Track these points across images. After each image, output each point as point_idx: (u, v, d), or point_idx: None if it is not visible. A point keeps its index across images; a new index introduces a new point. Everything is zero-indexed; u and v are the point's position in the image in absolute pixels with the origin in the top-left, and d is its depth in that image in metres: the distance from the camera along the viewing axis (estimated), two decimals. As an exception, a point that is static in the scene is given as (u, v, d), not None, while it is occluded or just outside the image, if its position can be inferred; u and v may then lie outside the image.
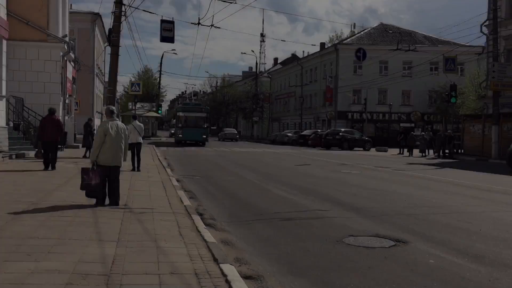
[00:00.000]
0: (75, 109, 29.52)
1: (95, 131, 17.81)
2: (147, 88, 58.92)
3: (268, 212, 8.63)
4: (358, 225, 7.44)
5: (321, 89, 52.76)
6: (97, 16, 39.60)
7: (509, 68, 25.97)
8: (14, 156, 16.20)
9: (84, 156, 17.68)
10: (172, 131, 56.21)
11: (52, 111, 13.80)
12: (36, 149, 16.46)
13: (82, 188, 7.92)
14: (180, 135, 35.95)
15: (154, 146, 28.86)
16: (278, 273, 5.04)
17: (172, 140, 44.29)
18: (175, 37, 22.63)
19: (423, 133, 33.24)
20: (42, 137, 13.64)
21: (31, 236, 5.69)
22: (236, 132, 55.08)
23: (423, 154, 30.05)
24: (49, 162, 13.35)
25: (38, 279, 4.17)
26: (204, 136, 35.43)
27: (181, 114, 37.49)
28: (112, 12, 19.07)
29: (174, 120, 42.10)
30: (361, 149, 35.80)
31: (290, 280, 4.82)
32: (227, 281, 4.37)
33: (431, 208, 9.20)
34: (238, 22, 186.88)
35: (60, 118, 22.51)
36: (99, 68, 44.36)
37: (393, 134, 43.44)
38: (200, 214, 7.95)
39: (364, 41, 49.27)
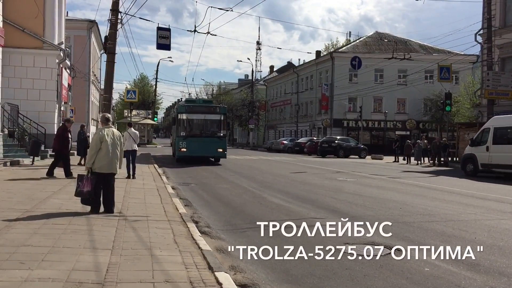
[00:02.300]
0: (71, 116, 29.48)
1: (89, 138, 17.77)
2: (143, 96, 58.91)
3: (263, 219, 8.59)
4: (353, 233, 7.41)
5: (317, 97, 52.91)
6: (93, 23, 39.69)
7: (503, 77, 26.10)
8: (8, 164, 16.12)
9: (79, 164, 17.56)
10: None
11: (64, 121, 14.09)
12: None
13: (76, 195, 7.91)
14: (184, 149, 23.14)
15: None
16: (273, 281, 5.03)
17: (169, 150, 34.65)
18: (171, 45, 22.73)
19: (418, 141, 33.34)
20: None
21: (25, 244, 5.65)
22: None
23: (418, 162, 30.12)
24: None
25: (31, 288, 4.14)
26: (221, 150, 23.56)
27: (184, 116, 24.06)
28: (108, 20, 19.13)
29: (174, 127, 27.14)
30: (357, 156, 35.84)
31: (285, 288, 4.80)
32: (222, 290, 4.35)
33: (426, 216, 9.20)
34: (234, 30, 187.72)
35: (58, 125, 22.45)
36: (94, 75, 44.36)
37: (388, 142, 43.61)
38: (195, 222, 7.93)
39: (360, 49, 49.54)
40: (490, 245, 6.80)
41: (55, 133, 14.14)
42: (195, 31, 24.48)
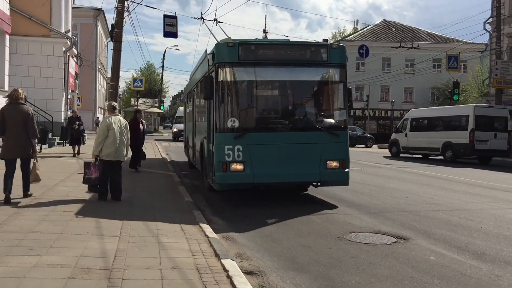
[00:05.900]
0: (78, 105, 29.59)
1: (81, 126, 17.46)
2: (150, 84, 58.82)
3: (269, 208, 8.63)
4: (359, 222, 7.45)
5: (324, 86, 52.60)
6: (100, 11, 39.67)
7: (512, 66, 25.88)
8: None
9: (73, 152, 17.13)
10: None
11: (135, 112, 13.83)
12: None
13: (84, 182, 7.98)
14: (239, 166, 8.12)
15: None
16: (279, 269, 5.06)
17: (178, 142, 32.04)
18: (178, 33, 22.60)
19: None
20: None
21: (33, 230, 5.71)
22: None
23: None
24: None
25: (40, 273, 4.20)
26: (335, 164, 8.52)
27: (233, 75, 8.38)
28: (115, 8, 19.02)
29: (190, 106, 14.32)
30: (363, 146, 35.75)
31: (291, 276, 4.83)
32: (229, 276, 4.38)
33: (433, 205, 9.20)
34: (241, 18, 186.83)
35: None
36: (101, 63, 44.41)
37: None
38: (202, 210, 7.97)
39: (367, 38, 49.12)
40: (496, 234, 6.80)
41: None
42: (201, 18, 24.29)
